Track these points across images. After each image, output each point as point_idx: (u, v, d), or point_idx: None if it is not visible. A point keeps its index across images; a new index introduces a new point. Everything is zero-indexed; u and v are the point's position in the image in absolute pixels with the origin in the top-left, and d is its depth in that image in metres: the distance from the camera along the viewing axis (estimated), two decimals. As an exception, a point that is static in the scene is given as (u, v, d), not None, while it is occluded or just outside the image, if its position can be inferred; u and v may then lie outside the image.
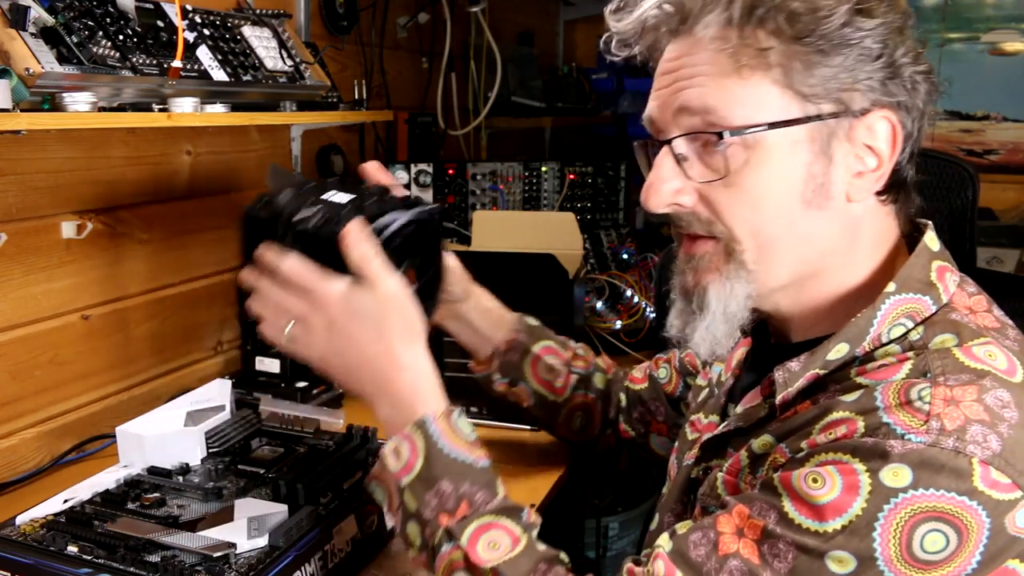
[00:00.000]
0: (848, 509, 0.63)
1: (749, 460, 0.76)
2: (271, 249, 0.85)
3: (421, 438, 0.81)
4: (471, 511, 0.80)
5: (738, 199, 0.74)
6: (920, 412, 0.64)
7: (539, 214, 2.05)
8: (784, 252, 0.76)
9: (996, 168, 2.72)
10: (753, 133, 0.72)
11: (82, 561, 0.87)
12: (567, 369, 1.18)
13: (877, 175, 0.74)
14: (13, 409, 1.26)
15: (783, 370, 0.76)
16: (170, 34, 1.25)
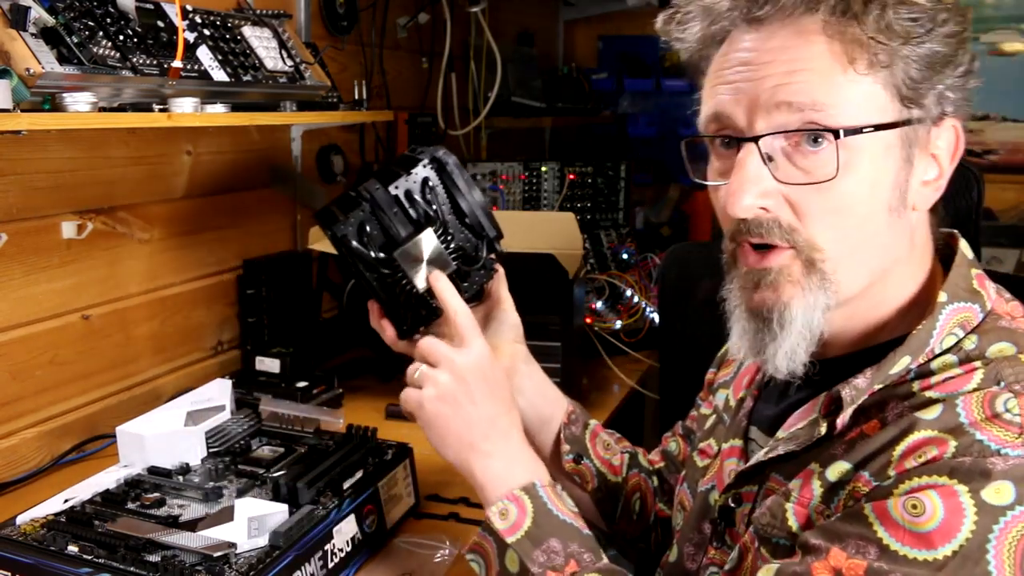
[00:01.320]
0: (957, 533, 0.60)
1: (823, 489, 0.72)
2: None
3: (530, 500, 0.81)
4: (580, 568, 0.79)
5: (830, 204, 0.70)
6: (1012, 424, 0.63)
7: (539, 214, 2.05)
8: (864, 261, 0.72)
9: (996, 168, 2.72)
10: (860, 135, 0.68)
11: (82, 561, 0.87)
12: (619, 448, 1.13)
13: (938, 184, 0.74)
14: (13, 409, 1.26)
15: (850, 387, 0.71)
16: (170, 34, 1.25)
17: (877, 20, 0.68)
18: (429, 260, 0.91)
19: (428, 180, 0.93)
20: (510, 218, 1.94)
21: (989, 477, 0.61)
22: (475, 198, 0.95)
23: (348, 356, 1.80)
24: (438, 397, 0.86)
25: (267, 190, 1.75)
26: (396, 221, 0.91)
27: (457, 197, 0.94)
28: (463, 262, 0.94)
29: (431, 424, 0.87)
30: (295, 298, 1.74)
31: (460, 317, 0.89)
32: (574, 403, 1.13)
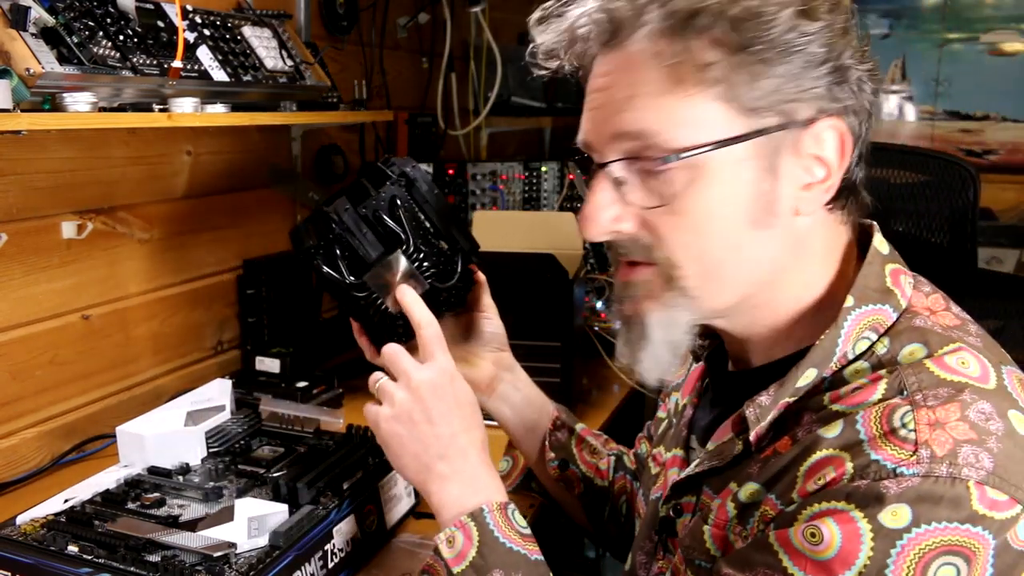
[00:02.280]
0: (855, 560, 0.60)
1: (736, 511, 0.72)
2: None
3: (476, 528, 0.81)
4: None
5: (681, 224, 0.69)
6: (907, 442, 0.62)
7: (539, 214, 2.05)
8: (729, 276, 0.71)
9: (995, 168, 2.73)
10: (697, 155, 0.67)
11: (82, 561, 0.87)
12: (605, 451, 1.13)
13: (826, 186, 0.70)
14: (13, 409, 1.26)
15: (753, 406, 0.72)
16: (170, 34, 1.25)
17: (702, 36, 0.66)
18: (400, 280, 0.91)
19: (396, 198, 0.92)
20: (510, 218, 1.94)
21: (883, 502, 0.60)
22: (446, 214, 0.94)
23: (348, 356, 1.80)
24: (394, 416, 0.86)
25: (267, 190, 1.75)
26: (366, 243, 0.90)
27: (428, 212, 0.94)
28: (437, 279, 0.94)
29: (387, 443, 0.88)
30: (295, 298, 1.74)
31: (424, 330, 0.89)
32: (561, 408, 1.13)
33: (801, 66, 0.66)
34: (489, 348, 1.05)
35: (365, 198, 0.92)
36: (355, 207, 0.91)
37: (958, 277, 0.84)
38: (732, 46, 0.66)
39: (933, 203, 1.51)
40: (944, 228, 1.51)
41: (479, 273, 1.02)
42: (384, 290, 0.91)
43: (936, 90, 2.84)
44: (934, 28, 2.79)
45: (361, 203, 0.92)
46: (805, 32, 0.66)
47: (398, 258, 0.91)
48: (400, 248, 0.91)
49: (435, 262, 0.94)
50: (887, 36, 2.94)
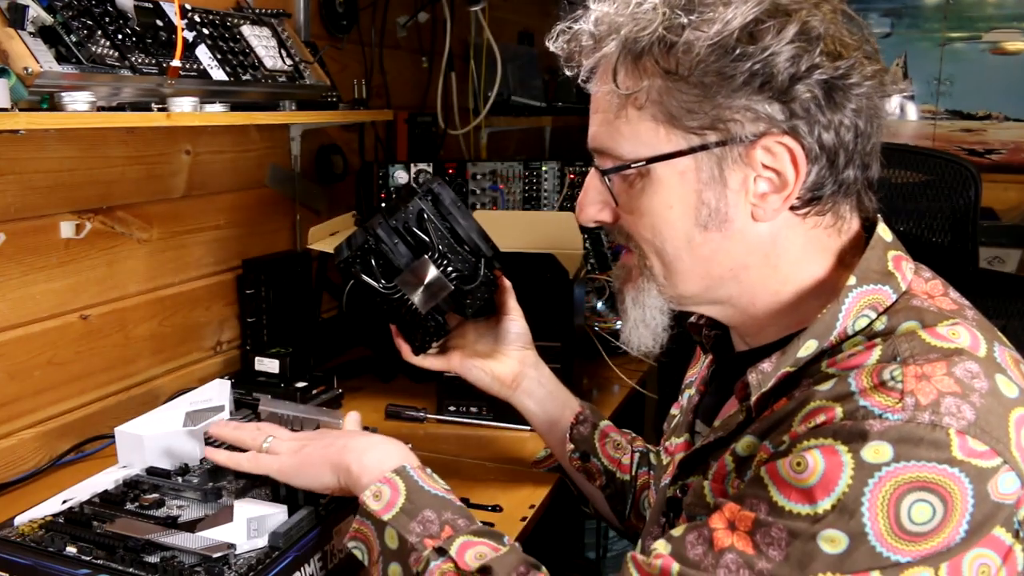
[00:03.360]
0: (835, 488, 0.64)
1: (735, 464, 0.77)
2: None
3: (401, 480, 0.88)
4: (455, 532, 0.84)
5: (640, 222, 0.79)
6: (894, 391, 0.66)
7: (539, 214, 2.05)
8: (688, 270, 0.79)
9: (998, 168, 2.72)
10: (639, 167, 0.76)
11: (81, 562, 0.87)
12: (631, 447, 1.17)
13: (783, 196, 0.74)
14: (12, 409, 1.26)
15: (756, 372, 0.76)
16: (169, 33, 1.25)
17: (641, 62, 0.74)
18: (428, 283, 1.03)
19: (423, 212, 1.04)
20: (510, 218, 1.94)
21: (867, 438, 0.64)
22: (469, 223, 1.06)
23: (348, 356, 1.80)
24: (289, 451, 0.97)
25: (267, 190, 1.74)
26: (396, 251, 1.03)
27: (452, 224, 1.05)
28: (461, 282, 1.04)
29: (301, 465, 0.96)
30: (295, 298, 1.74)
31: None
32: (586, 404, 1.19)
33: (738, 88, 0.71)
34: (514, 347, 1.15)
35: (396, 212, 1.03)
36: (387, 221, 1.03)
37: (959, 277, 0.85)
38: (666, 71, 0.73)
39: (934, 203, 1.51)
40: (945, 228, 1.51)
41: (504, 279, 1.13)
42: (413, 292, 1.03)
43: (938, 89, 2.84)
44: (936, 27, 2.78)
45: (393, 217, 1.03)
46: (742, 56, 0.71)
47: (426, 263, 1.03)
48: (427, 254, 1.03)
49: (459, 267, 1.04)
50: (888, 35, 2.94)
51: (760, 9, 0.71)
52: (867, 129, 0.75)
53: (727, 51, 0.71)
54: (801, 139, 0.73)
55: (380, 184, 2.00)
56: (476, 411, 1.46)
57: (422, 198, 1.04)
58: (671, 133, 0.75)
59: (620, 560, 0.77)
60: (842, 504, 0.63)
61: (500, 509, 1.17)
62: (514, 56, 2.52)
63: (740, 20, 0.71)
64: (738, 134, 0.73)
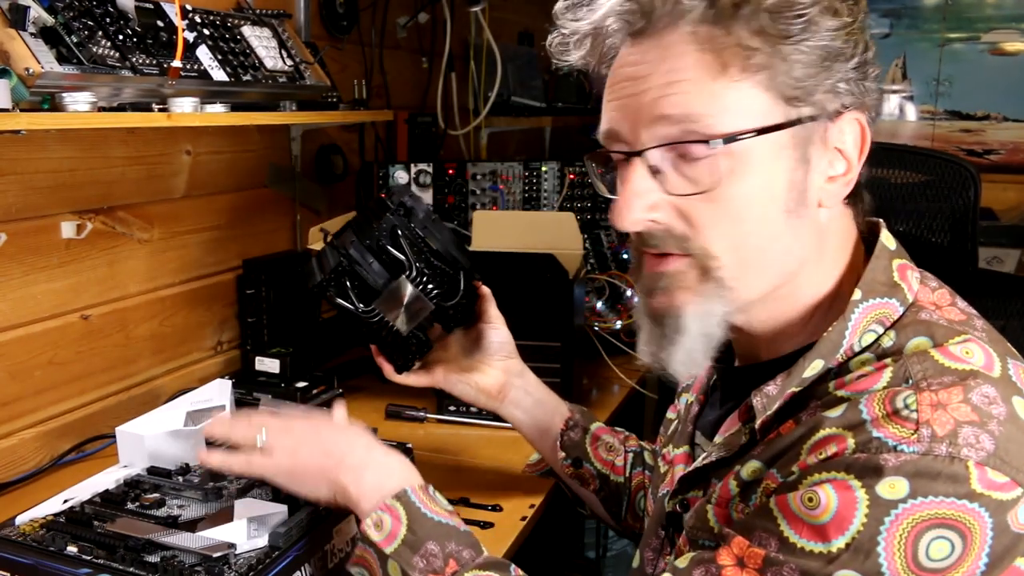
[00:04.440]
0: (849, 526, 0.61)
1: (739, 489, 0.74)
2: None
3: (402, 507, 0.83)
4: (460, 567, 0.80)
5: (720, 212, 0.69)
6: (909, 421, 0.63)
7: (539, 214, 2.05)
8: (764, 266, 0.72)
9: (997, 168, 2.72)
10: (743, 140, 0.67)
11: (82, 561, 0.87)
12: (623, 448, 1.14)
13: (847, 179, 0.72)
14: (13, 409, 1.26)
15: (760, 395, 0.73)
16: (170, 34, 1.25)
17: (746, 24, 0.67)
18: (408, 304, 0.99)
19: (397, 228, 1.00)
20: (510, 218, 1.94)
21: (881, 473, 0.61)
22: (445, 236, 1.01)
23: (348, 356, 1.80)
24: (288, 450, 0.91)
25: (267, 190, 1.74)
26: (372, 272, 0.98)
27: (428, 238, 1.00)
28: (442, 299, 1.01)
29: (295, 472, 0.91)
30: (295, 298, 1.74)
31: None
32: (576, 408, 1.15)
33: (831, 58, 0.68)
34: (498, 357, 1.11)
35: (368, 230, 0.99)
36: (360, 239, 0.98)
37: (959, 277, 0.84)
38: (773, 35, 0.67)
39: (934, 203, 1.51)
40: (945, 228, 1.51)
41: (483, 287, 1.08)
42: (393, 313, 0.99)
43: (937, 90, 2.84)
44: (935, 28, 2.79)
45: (365, 235, 0.99)
46: (834, 27, 0.68)
47: (403, 283, 0.99)
48: (404, 274, 0.98)
49: (439, 283, 1.00)
50: (887, 36, 2.94)
51: None
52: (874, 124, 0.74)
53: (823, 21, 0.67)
54: (868, 116, 0.71)
55: (380, 184, 2.00)
56: (476, 411, 1.46)
57: (394, 213, 0.99)
58: (776, 103, 0.68)
59: (620, 560, 0.77)
60: (857, 543, 0.61)
61: (500, 509, 1.17)
62: (514, 56, 2.52)
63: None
64: (825, 109, 0.69)
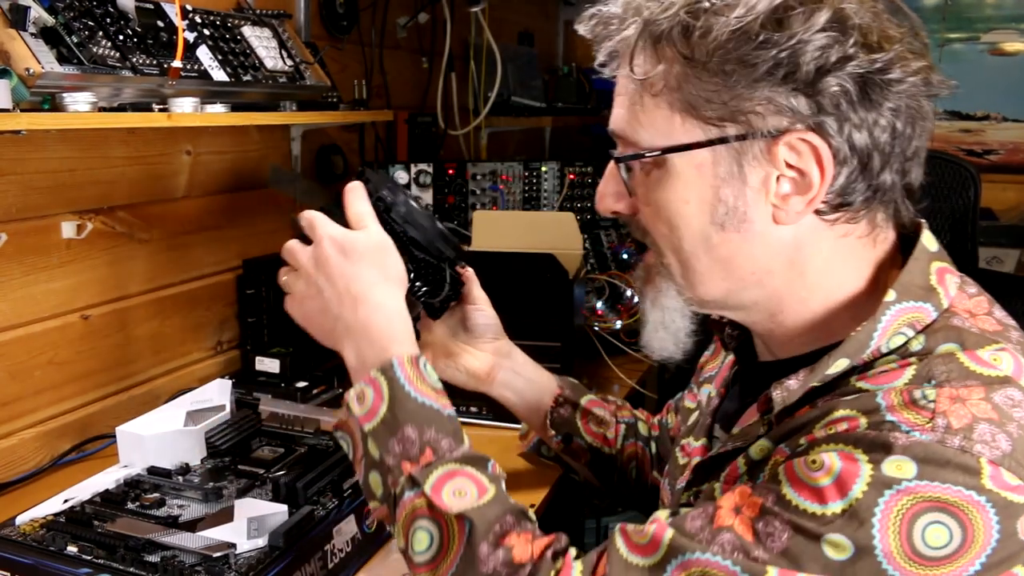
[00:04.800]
0: (848, 492, 0.61)
1: (747, 467, 0.74)
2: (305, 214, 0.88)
3: (386, 382, 0.79)
4: (436, 458, 0.77)
5: (656, 216, 0.75)
6: (925, 410, 0.62)
7: (539, 214, 2.05)
8: (707, 272, 0.75)
9: (996, 168, 2.72)
10: (653, 157, 0.72)
11: (82, 561, 0.87)
12: (615, 420, 1.16)
13: (806, 198, 0.69)
14: (13, 409, 1.26)
15: (781, 389, 0.73)
16: (170, 34, 1.25)
17: (662, 48, 0.70)
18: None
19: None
20: (510, 218, 1.94)
21: (890, 450, 0.61)
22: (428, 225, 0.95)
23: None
24: (304, 295, 0.86)
25: (267, 190, 1.74)
26: None
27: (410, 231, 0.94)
28: (429, 295, 0.97)
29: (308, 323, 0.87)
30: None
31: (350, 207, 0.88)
32: (567, 383, 1.16)
33: (760, 77, 0.67)
34: (485, 339, 1.08)
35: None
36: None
37: (959, 277, 0.85)
38: (684, 57, 0.69)
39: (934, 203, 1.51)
40: (945, 228, 1.51)
41: (467, 270, 1.04)
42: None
43: (936, 90, 2.83)
44: (934, 28, 2.78)
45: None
46: (766, 43, 0.66)
47: None
48: None
49: (425, 279, 0.96)
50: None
51: None
52: (906, 131, 0.69)
53: (750, 37, 0.66)
54: (828, 138, 0.67)
55: (380, 184, 2.00)
56: (476, 411, 1.46)
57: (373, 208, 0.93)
58: (688, 123, 0.70)
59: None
60: (853, 510, 0.61)
61: (500, 509, 1.17)
62: (514, 56, 2.52)
63: (766, 4, 0.66)
64: (759, 128, 0.68)
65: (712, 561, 0.64)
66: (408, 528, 0.75)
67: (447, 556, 0.73)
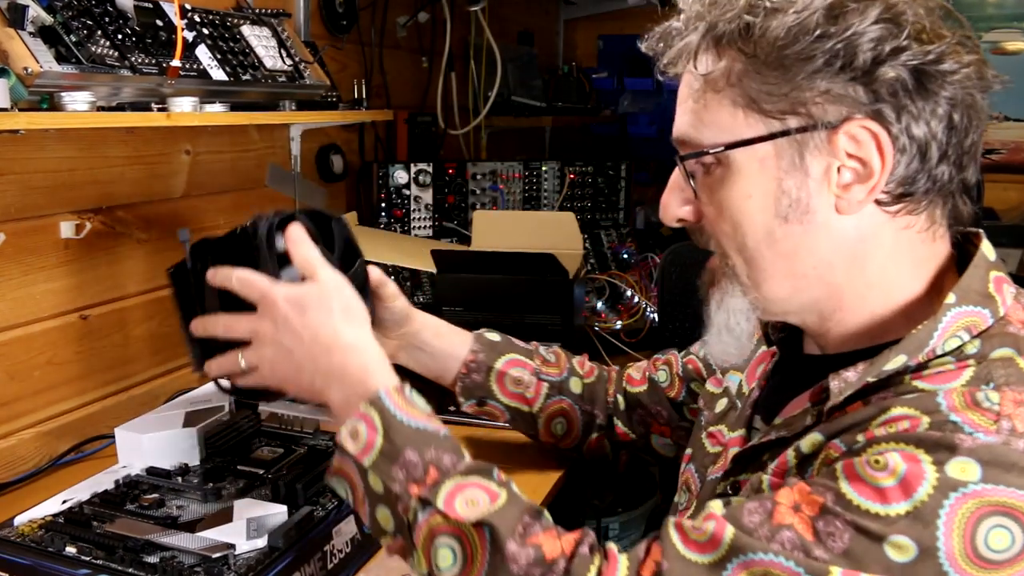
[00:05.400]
0: (914, 494, 0.61)
1: (797, 460, 0.74)
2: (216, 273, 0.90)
3: (377, 413, 0.79)
4: (441, 475, 0.77)
5: (720, 217, 0.76)
6: (990, 412, 0.63)
7: (539, 214, 2.05)
8: (772, 268, 0.76)
9: (998, 168, 2.72)
10: (717, 153, 0.74)
11: (80, 562, 0.87)
12: (536, 378, 1.17)
13: (867, 187, 0.71)
14: (11, 409, 1.26)
15: (839, 379, 0.73)
16: (169, 33, 1.25)
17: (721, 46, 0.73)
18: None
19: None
20: (510, 218, 1.94)
21: (954, 451, 0.61)
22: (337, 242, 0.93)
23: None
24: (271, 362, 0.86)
25: (267, 190, 1.74)
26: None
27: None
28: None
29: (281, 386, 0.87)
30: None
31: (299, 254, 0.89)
32: (481, 346, 1.16)
33: (820, 69, 0.69)
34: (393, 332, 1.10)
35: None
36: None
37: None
38: (745, 54, 0.71)
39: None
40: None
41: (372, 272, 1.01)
42: None
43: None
44: (935, 27, 2.78)
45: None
46: (823, 35, 0.68)
47: None
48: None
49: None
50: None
51: None
52: (963, 123, 0.71)
53: (807, 31, 0.68)
54: (888, 125, 0.69)
55: (380, 184, 2.00)
56: (474, 411, 1.46)
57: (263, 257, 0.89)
58: (750, 118, 0.72)
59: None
60: (918, 512, 0.61)
61: (500, 509, 1.17)
62: (514, 56, 2.52)
63: (823, 1, 0.69)
64: (820, 119, 0.70)
65: (775, 561, 0.64)
66: (429, 549, 0.75)
67: (474, 566, 0.73)
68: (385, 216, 2.00)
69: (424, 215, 2.03)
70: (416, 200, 2.01)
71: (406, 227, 2.02)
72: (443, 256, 1.56)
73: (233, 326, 0.88)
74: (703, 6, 0.75)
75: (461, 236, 2.02)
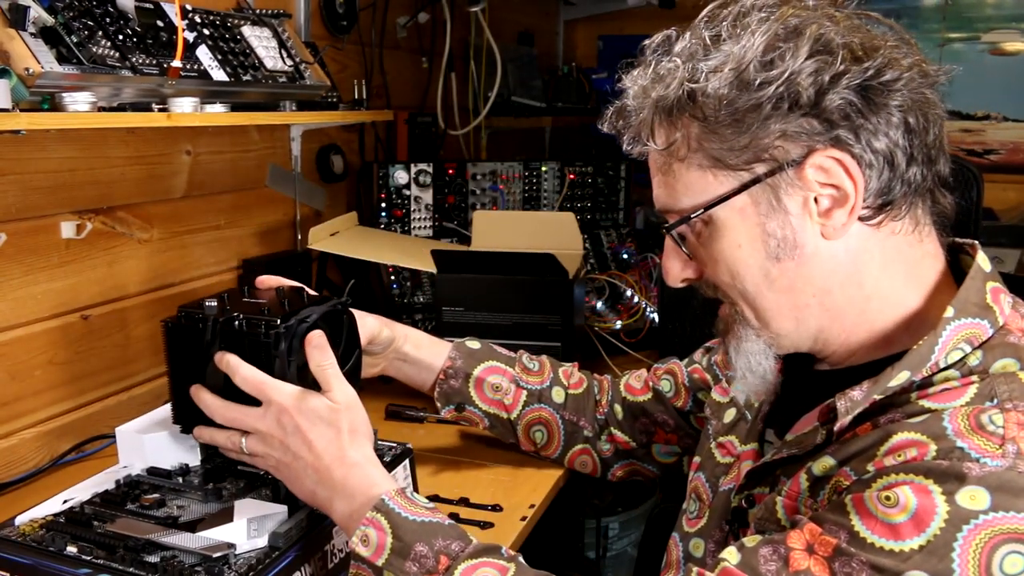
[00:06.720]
0: (927, 528, 0.62)
1: (809, 484, 0.76)
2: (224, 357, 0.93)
3: (383, 517, 0.84)
4: (452, 560, 0.81)
5: (718, 269, 0.80)
6: (995, 436, 0.64)
7: (539, 214, 2.05)
8: (775, 306, 0.79)
9: (997, 168, 2.72)
10: (696, 218, 0.78)
11: (81, 562, 0.87)
12: (515, 385, 1.20)
13: (847, 208, 0.74)
14: (12, 409, 1.26)
15: (845, 399, 0.74)
16: (170, 34, 1.25)
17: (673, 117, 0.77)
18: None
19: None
20: (510, 218, 1.94)
21: (964, 481, 0.62)
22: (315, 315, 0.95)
23: (348, 356, 1.80)
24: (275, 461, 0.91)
25: (267, 190, 1.74)
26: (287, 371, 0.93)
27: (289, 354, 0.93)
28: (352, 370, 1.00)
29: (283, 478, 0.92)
30: (295, 298, 1.74)
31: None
32: (460, 353, 1.21)
33: (769, 115, 0.72)
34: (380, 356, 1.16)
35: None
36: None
37: (959, 277, 0.86)
38: (697, 118, 0.75)
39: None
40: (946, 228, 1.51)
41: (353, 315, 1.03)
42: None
43: (937, 90, 2.83)
44: (935, 27, 2.78)
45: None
46: (764, 83, 0.71)
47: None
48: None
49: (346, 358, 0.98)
50: (888, 36, 2.93)
51: (769, 36, 0.72)
52: (920, 123, 0.74)
53: (748, 84, 0.72)
54: (849, 147, 0.72)
55: (380, 184, 2.00)
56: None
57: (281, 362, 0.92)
58: (719, 175, 0.76)
59: (620, 560, 0.77)
60: (932, 546, 0.62)
61: (500, 509, 1.17)
62: (514, 56, 2.53)
63: (752, 52, 0.72)
64: (784, 159, 0.73)
65: None
66: None
67: None
68: (385, 216, 2.00)
69: (424, 215, 2.03)
70: (416, 200, 2.02)
71: (406, 227, 2.02)
72: (443, 256, 1.57)
73: (241, 419, 0.92)
74: (648, 81, 0.78)
75: (461, 236, 2.02)
